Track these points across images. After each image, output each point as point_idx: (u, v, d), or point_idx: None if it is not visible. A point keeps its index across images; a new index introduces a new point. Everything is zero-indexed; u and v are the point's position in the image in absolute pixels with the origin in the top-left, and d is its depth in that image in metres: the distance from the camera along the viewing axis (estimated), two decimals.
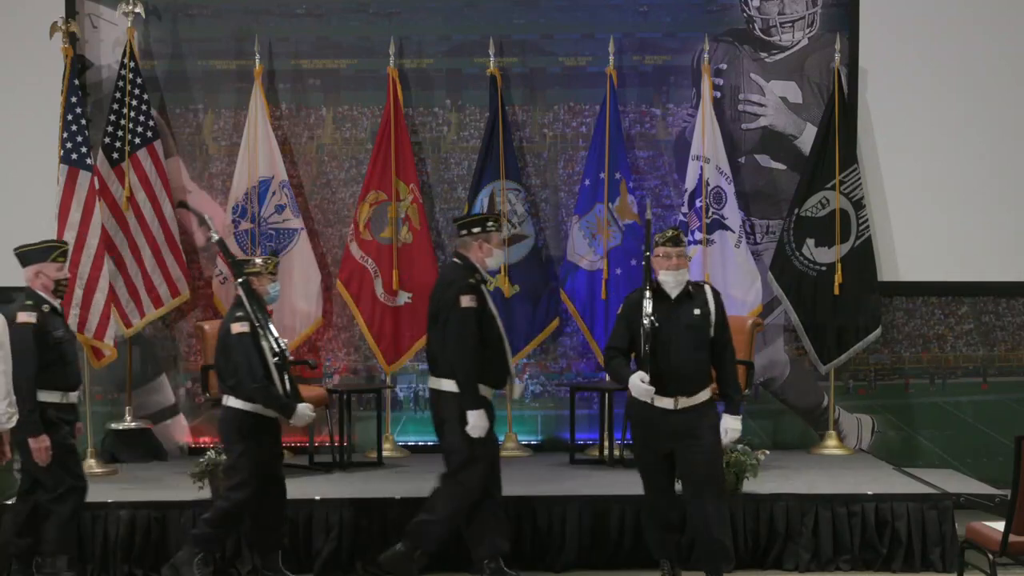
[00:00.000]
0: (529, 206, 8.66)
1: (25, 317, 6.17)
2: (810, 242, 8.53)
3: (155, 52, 8.73)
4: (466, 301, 6.22)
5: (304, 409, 6.36)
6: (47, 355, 6.20)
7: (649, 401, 5.97)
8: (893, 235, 8.79)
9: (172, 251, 8.42)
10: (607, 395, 8.04)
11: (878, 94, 8.79)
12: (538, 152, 8.88)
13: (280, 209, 8.50)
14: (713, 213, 8.49)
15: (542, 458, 8.42)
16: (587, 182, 8.58)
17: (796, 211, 8.56)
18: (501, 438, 8.57)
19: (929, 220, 8.78)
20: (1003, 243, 8.79)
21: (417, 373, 8.76)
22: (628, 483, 6.74)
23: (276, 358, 6.34)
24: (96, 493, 7.14)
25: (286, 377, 6.37)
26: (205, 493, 6.88)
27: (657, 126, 8.90)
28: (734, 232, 8.45)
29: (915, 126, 8.76)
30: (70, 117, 7.88)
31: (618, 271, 8.43)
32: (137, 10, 8.44)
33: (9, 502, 6.91)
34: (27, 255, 6.39)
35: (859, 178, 8.56)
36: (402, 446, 8.65)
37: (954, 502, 7.03)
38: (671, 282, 6.07)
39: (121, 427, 8.41)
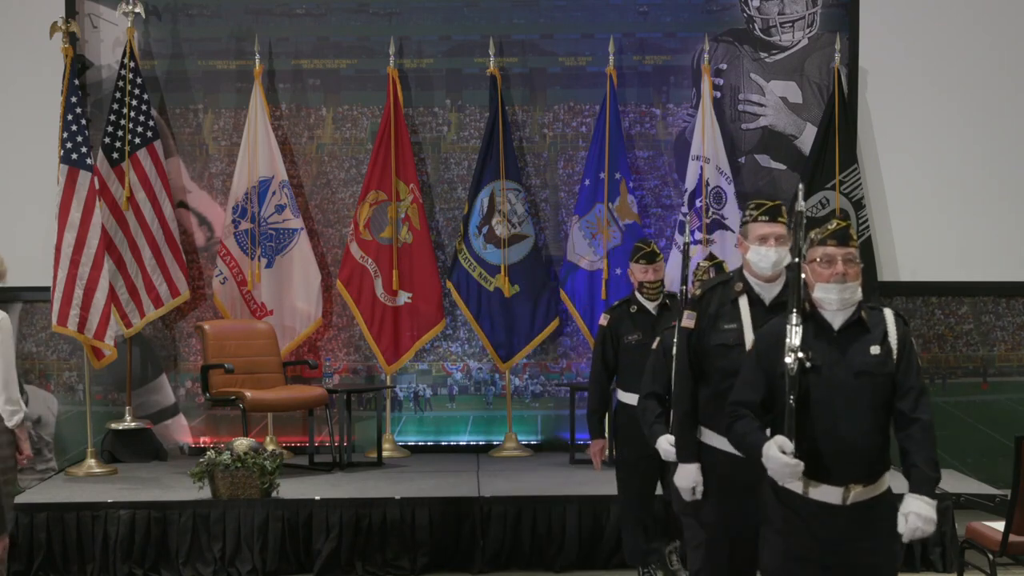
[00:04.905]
0: (529, 206, 8.65)
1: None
2: None
3: (155, 52, 8.73)
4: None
5: None
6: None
7: (799, 490, 3.88)
8: (893, 235, 8.79)
9: (172, 251, 8.41)
10: None
11: (878, 94, 8.79)
12: (538, 152, 8.88)
13: (280, 209, 8.50)
14: (713, 213, 8.49)
15: (542, 458, 8.41)
16: (587, 182, 8.58)
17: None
18: (500, 438, 8.63)
19: (929, 220, 8.78)
20: (1003, 243, 8.78)
21: (417, 373, 8.77)
22: None
23: None
24: (96, 493, 7.17)
25: None
26: (205, 493, 6.88)
27: (657, 126, 8.89)
28: (734, 232, 8.44)
29: (915, 126, 8.76)
30: (70, 117, 7.87)
31: (618, 271, 8.43)
32: (137, 10, 8.44)
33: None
34: None
35: (859, 178, 8.56)
36: (402, 446, 8.65)
37: (954, 502, 7.02)
38: (835, 302, 3.88)
39: (121, 427, 8.40)
